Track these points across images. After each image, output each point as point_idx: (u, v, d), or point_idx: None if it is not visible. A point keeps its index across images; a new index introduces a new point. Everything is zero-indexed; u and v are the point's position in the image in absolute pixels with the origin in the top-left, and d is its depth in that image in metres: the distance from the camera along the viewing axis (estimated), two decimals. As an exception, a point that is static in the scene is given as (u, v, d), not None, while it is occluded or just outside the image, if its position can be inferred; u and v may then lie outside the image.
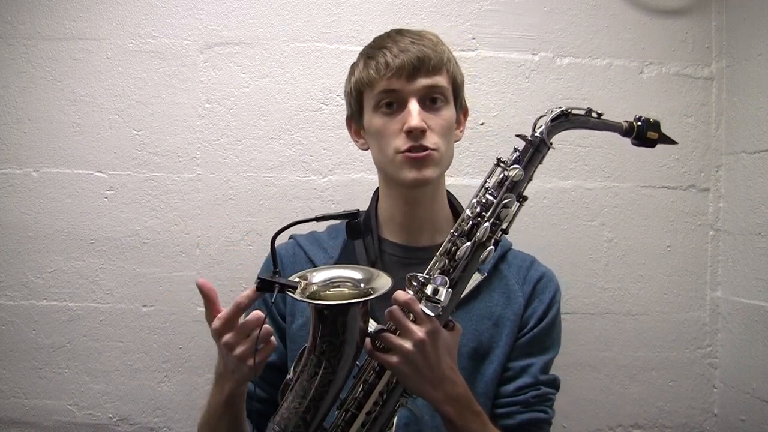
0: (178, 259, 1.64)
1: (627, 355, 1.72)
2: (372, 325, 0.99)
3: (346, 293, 0.95)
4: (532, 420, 1.14)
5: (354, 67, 1.18)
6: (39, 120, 1.62)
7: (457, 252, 0.97)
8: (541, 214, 1.69)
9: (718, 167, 1.75)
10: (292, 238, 1.28)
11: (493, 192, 0.99)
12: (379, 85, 1.11)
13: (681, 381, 1.74)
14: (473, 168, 1.68)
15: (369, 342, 0.95)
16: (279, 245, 1.28)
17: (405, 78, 1.09)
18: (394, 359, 0.93)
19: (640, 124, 1.03)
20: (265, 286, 0.92)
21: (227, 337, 0.94)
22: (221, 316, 0.94)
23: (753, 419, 1.61)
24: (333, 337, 0.91)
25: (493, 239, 0.98)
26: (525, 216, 1.02)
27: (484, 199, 1.00)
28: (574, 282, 1.70)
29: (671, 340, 1.74)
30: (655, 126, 1.04)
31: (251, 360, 0.93)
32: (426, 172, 1.10)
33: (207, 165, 1.64)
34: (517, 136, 1.02)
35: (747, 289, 1.64)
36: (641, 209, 1.73)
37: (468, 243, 0.97)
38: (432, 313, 0.93)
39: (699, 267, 1.75)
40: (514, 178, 0.99)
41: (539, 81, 1.70)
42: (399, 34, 1.15)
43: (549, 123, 1.00)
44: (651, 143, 1.04)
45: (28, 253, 1.62)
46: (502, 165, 1.01)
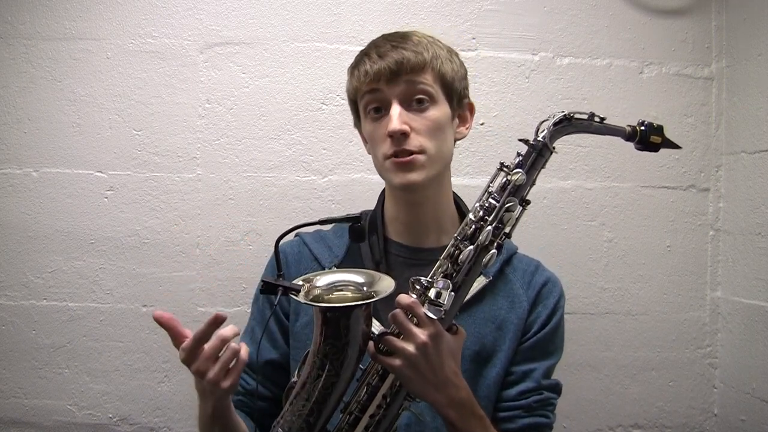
0: (178, 259, 1.64)
1: (627, 355, 1.73)
2: (376, 327, 0.99)
3: (349, 297, 0.95)
4: (533, 424, 1.13)
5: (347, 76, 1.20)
6: (39, 120, 1.62)
7: (460, 256, 0.98)
8: (541, 214, 1.69)
9: (718, 167, 1.75)
10: (297, 235, 1.28)
11: (496, 196, 0.99)
12: (364, 92, 1.12)
13: (681, 381, 1.74)
14: (473, 168, 1.68)
15: (372, 345, 0.95)
16: (284, 242, 1.28)
17: (385, 82, 1.09)
18: (397, 362, 0.93)
19: (643, 128, 1.03)
20: (269, 288, 0.92)
21: (195, 366, 0.93)
22: (184, 347, 0.93)
23: (753, 419, 1.61)
24: (336, 340, 0.91)
25: (496, 243, 0.99)
26: (525, 216, 1.02)
27: (487, 203, 1.00)
28: (574, 282, 1.70)
29: (671, 340, 1.74)
30: (659, 130, 1.03)
31: (223, 383, 0.93)
32: (411, 176, 1.09)
33: (207, 165, 1.64)
34: (520, 140, 1.01)
35: (747, 289, 1.64)
36: (641, 209, 1.73)
37: (471, 247, 0.97)
38: (435, 317, 0.93)
39: (699, 267, 1.75)
40: (516, 182, 0.99)
41: (539, 81, 1.71)
42: (384, 39, 1.15)
43: (552, 127, 1.00)
44: (654, 147, 1.04)
45: (28, 253, 1.62)
46: (505, 169, 1.00)
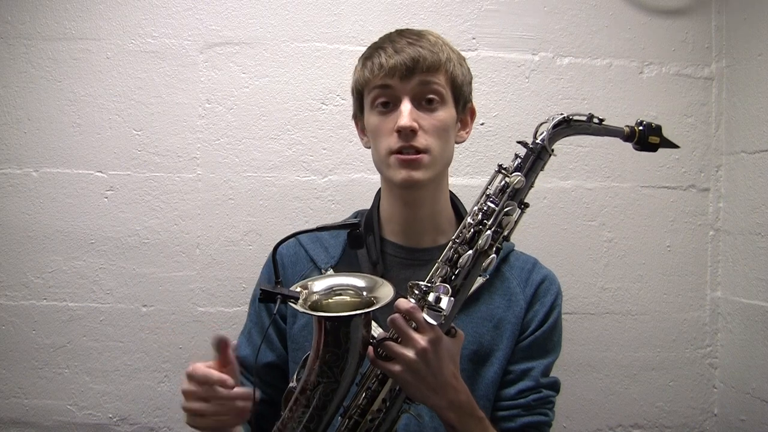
0: (178, 259, 1.64)
1: (627, 355, 1.73)
2: (375, 330, 0.99)
3: (348, 302, 0.94)
4: (533, 423, 1.13)
5: (356, 67, 1.19)
6: (39, 120, 1.62)
7: (459, 260, 0.97)
8: (541, 214, 1.69)
9: (718, 167, 1.75)
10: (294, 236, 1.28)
11: (495, 199, 0.99)
12: (375, 85, 1.12)
13: (681, 381, 1.74)
14: (473, 168, 1.68)
15: (371, 350, 0.95)
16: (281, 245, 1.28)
17: (399, 78, 1.09)
18: (396, 368, 0.93)
19: (641, 128, 1.03)
20: (267, 297, 0.92)
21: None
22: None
23: (753, 419, 1.61)
24: (336, 348, 0.91)
25: (495, 247, 0.98)
26: (525, 216, 1.02)
27: (485, 207, 0.99)
28: (574, 282, 1.70)
29: (671, 340, 1.74)
30: (657, 130, 1.03)
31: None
32: (416, 174, 1.09)
33: (207, 165, 1.64)
34: (519, 143, 1.01)
35: (747, 289, 1.64)
36: (641, 209, 1.73)
37: (470, 251, 0.97)
38: (434, 322, 0.93)
39: (699, 267, 1.75)
40: (515, 185, 0.98)
41: (539, 81, 1.71)
42: (399, 34, 1.15)
43: (551, 130, 0.99)
44: (653, 148, 1.04)
45: (28, 253, 1.62)
46: (503, 171, 1.00)
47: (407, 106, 1.08)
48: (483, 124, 1.68)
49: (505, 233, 0.99)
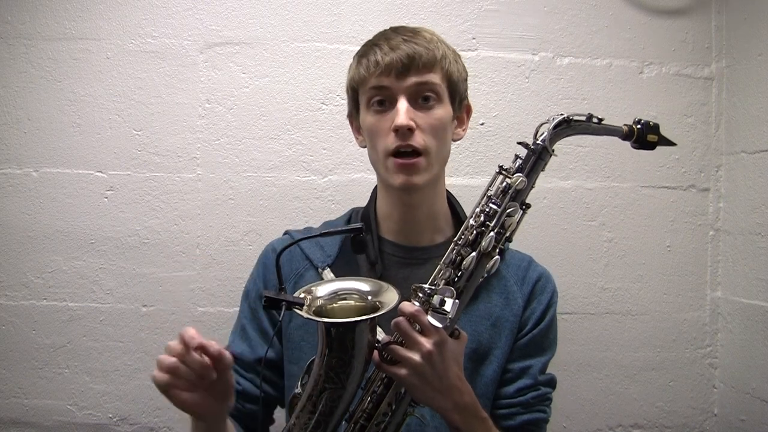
0: (178, 259, 1.64)
1: (627, 355, 1.72)
2: (379, 333, 0.99)
3: (353, 306, 0.94)
4: (532, 420, 1.14)
5: (350, 64, 1.19)
6: (39, 120, 1.62)
7: (463, 262, 0.97)
8: (541, 214, 1.69)
9: (718, 167, 1.75)
10: (287, 233, 1.27)
11: (496, 201, 0.99)
12: (370, 83, 1.11)
13: (681, 381, 1.74)
14: (473, 168, 1.68)
15: (377, 354, 0.95)
16: (274, 240, 1.28)
17: (395, 76, 1.08)
18: (402, 372, 0.93)
19: (639, 126, 1.03)
20: (272, 303, 0.91)
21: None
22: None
23: (753, 419, 1.61)
24: (342, 353, 0.90)
25: (498, 248, 0.98)
26: (525, 216, 1.02)
27: (487, 208, 0.99)
28: (574, 282, 1.70)
29: (671, 340, 1.74)
30: (655, 129, 1.04)
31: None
32: (414, 178, 1.09)
33: (207, 165, 1.64)
34: (519, 143, 1.01)
35: (747, 289, 1.64)
36: (641, 209, 1.73)
37: (473, 253, 0.97)
38: (440, 325, 0.93)
39: (699, 267, 1.75)
40: (517, 186, 0.98)
41: (539, 81, 1.70)
42: (394, 32, 1.14)
43: (551, 130, 0.99)
44: (651, 146, 1.04)
45: (28, 253, 1.62)
46: (504, 173, 1.00)
47: (404, 104, 1.08)
48: (483, 124, 1.68)
49: (508, 234, 0.99)
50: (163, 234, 1.64)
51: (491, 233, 0.97)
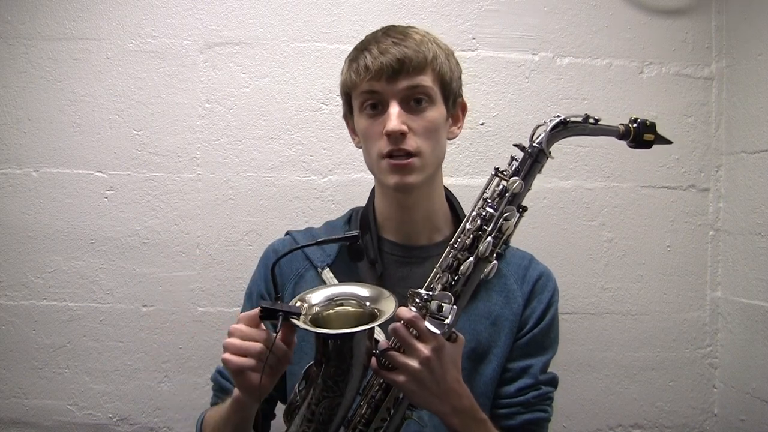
0: (178, 259, 1.64)
1: (627, 355, 1.73)
2: (378, 335, 0.98)
3: (350, 312, 0.93)
4: (533, 420, 1.14)
5: (342, 68, 1.18)
6: (39, 120, 1.62)
7: (460, 267, 0.96)
8: (541, 214, 1.69)
9: (718, 167, 1.75)
10: (288, 234, 1.27)
11: (493, 204, 0.98)
12: (362, 88, 1.10)
13: (681, 381, 1.74)
14: (473, 168, 1.68)
15: (375, 361, 0.94)
16: (275, 241, 1.28)
17: (385, 80, 1.07)
18: (401, 378, 0.93)
19: (636, 125, 1.02)
20: (268, 314, 0.91)
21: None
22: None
23: (753, 419, 1.61)
24: (340, 362, 0.90)
25: (495, 253, 0.98)
26: (525, 216, 1.01)
27: (484, 212, 0.98)
28: (574, 282, 1.70)
29: (671, 340, 1.74)
30: (651, 128, 1.03)
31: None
32: (409, 178, 1.09)
33: (207, 165, 1.64)
34: (515, 145, 1.00)
35: (747, 289, 1.64)
36: (641, 209, 1.73)
37: (471, 258, 0.96)
38: (438, 331, 0.92)
39: (699, 267, 1.75)
40: (514, 190, 0.97)
41: (539, 81, 1.70)
42: (384, 34, 1.13)
43: (548, 133, 0.98)
44: (647, 145, 1.03)
45: (28, 253, 1.62)
46: (500, 175, 0.99)
47: (395, 108, 1.07)
48: (483, 124, 1.68)
49: (505, 238, 0.98)
50: (163, 234, 1.64)
51: (489, 238, 0.96)
